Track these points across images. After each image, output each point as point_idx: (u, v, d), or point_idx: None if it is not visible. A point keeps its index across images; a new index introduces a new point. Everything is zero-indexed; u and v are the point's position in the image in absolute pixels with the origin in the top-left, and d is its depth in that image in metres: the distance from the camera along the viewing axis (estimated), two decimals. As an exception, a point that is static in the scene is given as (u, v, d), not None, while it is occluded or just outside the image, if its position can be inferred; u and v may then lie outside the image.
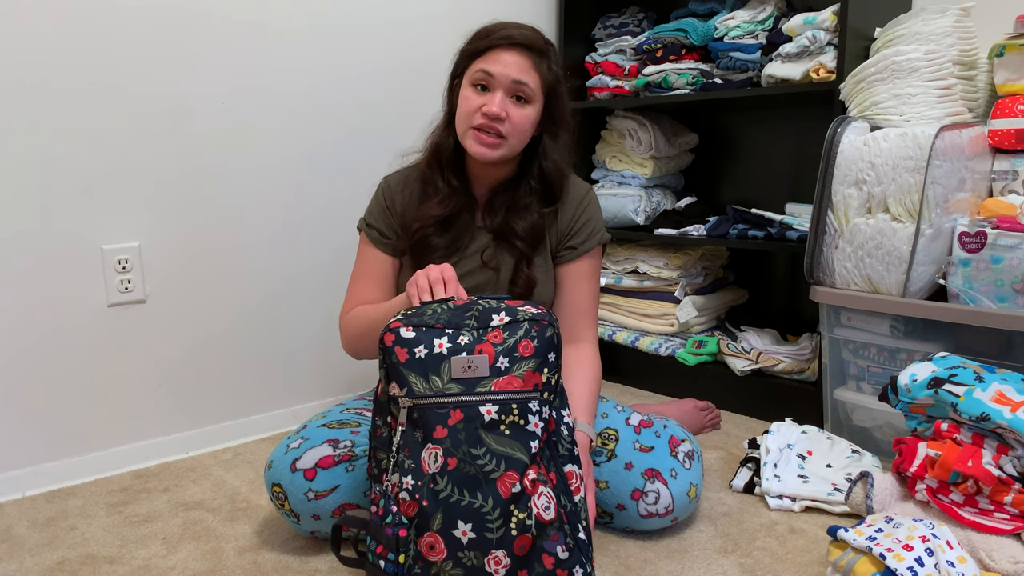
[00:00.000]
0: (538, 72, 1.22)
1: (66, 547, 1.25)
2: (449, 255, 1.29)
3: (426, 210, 1.28)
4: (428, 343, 1.00)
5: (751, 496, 1.42)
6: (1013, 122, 1.49)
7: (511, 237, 1.28)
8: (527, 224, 1.28)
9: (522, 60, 1.21)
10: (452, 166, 1.29)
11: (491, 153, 1.22)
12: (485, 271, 1.29)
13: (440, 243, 1.28)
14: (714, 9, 2.02)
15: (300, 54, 1.75)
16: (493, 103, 1.19)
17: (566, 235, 1.32)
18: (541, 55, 1.23)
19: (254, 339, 1.76)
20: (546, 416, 1.00)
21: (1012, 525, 1.08)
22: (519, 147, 1.25)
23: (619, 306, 2.18)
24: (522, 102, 1.22)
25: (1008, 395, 1.11)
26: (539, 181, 1.30)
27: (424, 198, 1.30)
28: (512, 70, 1.20)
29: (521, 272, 1.29)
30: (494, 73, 1.19)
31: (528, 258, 1.29)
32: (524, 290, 1.29)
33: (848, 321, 1.56)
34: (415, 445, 0.98)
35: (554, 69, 1.25)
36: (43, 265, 1.46)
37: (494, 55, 1.21)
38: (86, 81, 1.46)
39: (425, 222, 1.27)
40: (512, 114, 1.21)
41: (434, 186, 1.29)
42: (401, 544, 0.96)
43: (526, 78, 1.20)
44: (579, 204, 1.33)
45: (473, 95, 1.21)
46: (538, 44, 1.23)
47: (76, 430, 1.53)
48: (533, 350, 1.00)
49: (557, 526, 0.96)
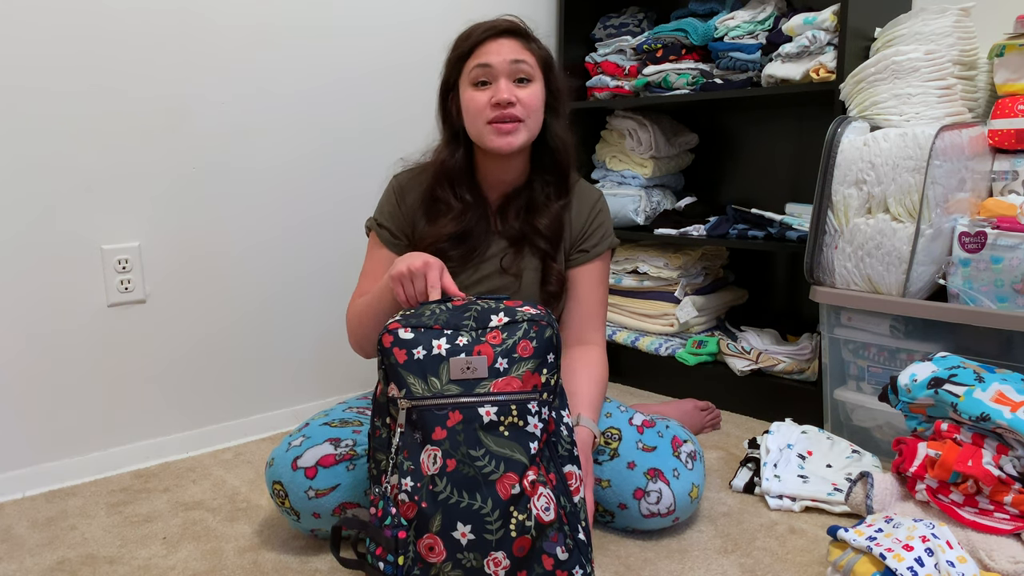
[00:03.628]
0: (530, 51, 1.23)
1: (66, 547, 1.25)
2: (465, 264, 1.28)
3: (439, 228, 1.26)
4: (427, 344, 1.00)
5: (751, 496, 1.42)
6: (1013, 122, 1.49)
7: (534, 238, 1.28)
8: (548, 221, 1.28)
9: (512, 43, 1.21)
10: (462, 181, 1.28)
11: (514, 140, 1.20)
12: (505, 277, 1.28)
13: (456, 254, 1.27)
14: (714, 9, 2.02)
15: (300, 55, 1.75)
16: (500, 91, 1.18)
17: (579, 238, 1.32)
18: (527, 36, 1.24)
19: (254, 339, 1.76)
20: (545, 417, 1.00)
21: (1012, 525, 1.08)
22: (536, 128, 1.25)
23: (619, 306, 2.18)
24: (525, 83, 1.21)
25: (1008, 395, 1.11)
26: (551, 171, 1.30)
27: (435, 215, 1.28)
28: (507, 53, 1.20)
29: (552, 270, 1.28)
30: (491, 63, 1.19)
31: (554, 255, 1.29)
32: (558, 287, 1.28)
33: (848, 321, 1.56)
34: (414, 446, 0.97)
35: (543, 47, 1.26)
36: (43, 265, 1.46)
37: (484, 48, 1.21)
38: (87, 82, 1.46)
39: (439, 239, 1.26)
40: (521, 95, 1.20)
41: (446, 204, 1.27)
42: (400, 546, 0.96)
43: (523, 56, 1.21)
44: (592, 208, 1.34)
45: (477, 93, 1.21)
46: (521, 27, 1.24)
47: (76, 430, 1.53)
48: (532, 351, 1.00)
49: (557, 527, 0.96)
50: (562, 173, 1.30)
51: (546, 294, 1.28)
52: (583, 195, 1.34)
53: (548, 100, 1.27)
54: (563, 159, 1.29)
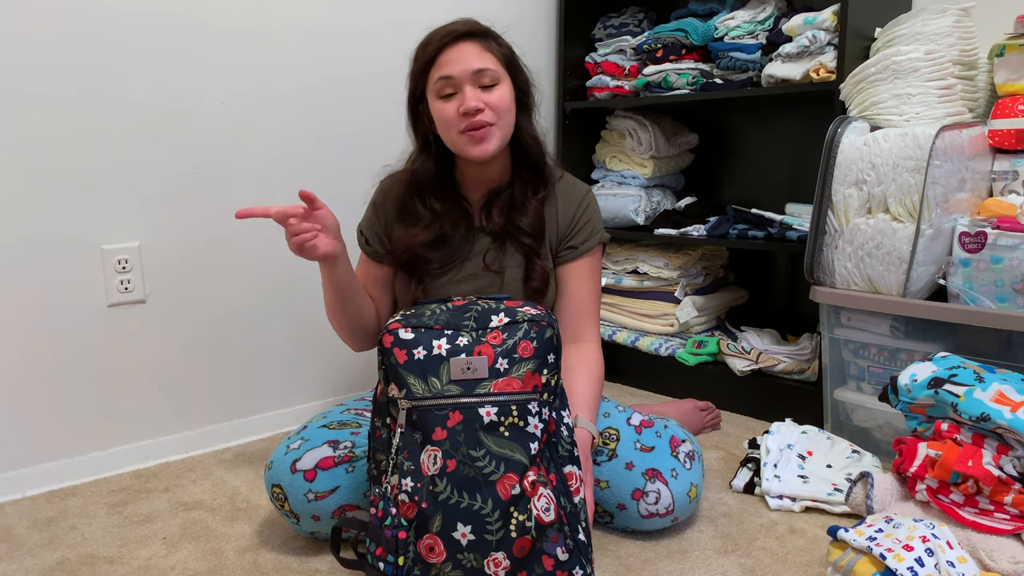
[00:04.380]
0: (491, 51, 1.21)
1: (66, 547, 1.25)
2: (446, 265, 1.28)
3: (412, 236, 1.26)
4: (427, 344, 1.00)
5: (751, 496, 1.42)
6: (1013, 122, 1.49)
7: (518, 235, 1.28)
8: (530, 219, 1.28)
9: (472, 47, 1.19)
10: (434, 190, 1.28)
11: (488, 146, 1.20)
12: (488, 274, 1.29)
13: (435, 257, 1.27)
14: (714, 9, 2.02)
15: (299, 55, 1.75)
16: (467, 100, 1.17)
17: (567, 235, 1.32)
18: (486, 35, 1.22)
19: (254, 339, 1.76)
20: (546, 417, 1.00)
21: (1012, 525, 1.08)
22: (509, 128, 1.24)
23: (619, 306, 2.18)
24: (491, 87, 1.20)
25: (1008, 395, 1.11)
26: (528, 167, 1.30)
27: (409, 223, 1.28)
28: (468, 62, 1.18)
29: (535, 266, 1.28)
30: (453, 74, 1.18)
31: (537, 251, 1.29)
32: (541, 282, 1.28)
33: (848, 321, 1.56)
34: (414, 447, 0.97)
35: (503, 43, 1.25)
36: (43, 265, 1.46)
37: (444, 57, 1.19)
38: (87, 83, 1.46)
39: (413, 247, 1.26)
40: (489, 100, 1.19)
41: (415, 214, 1.27)
42: (400, 546, 0.96)
43: (484, 63, 1.19)
44: (579, 204, 1.33)
45: (444, 104, 1.20)
46: (479, 28, 1.22)
47: (76, 430, 1.53)
48: (532, 351, 1.00)
49: (557, 527, 0.96)
50: (537, 168, 1.30)
51: (529, 290, 1.28)
52: (570, 191, 1.34)
53: (517, 96, 1.25)
54: (536, 154, 1.29)
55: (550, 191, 1.32)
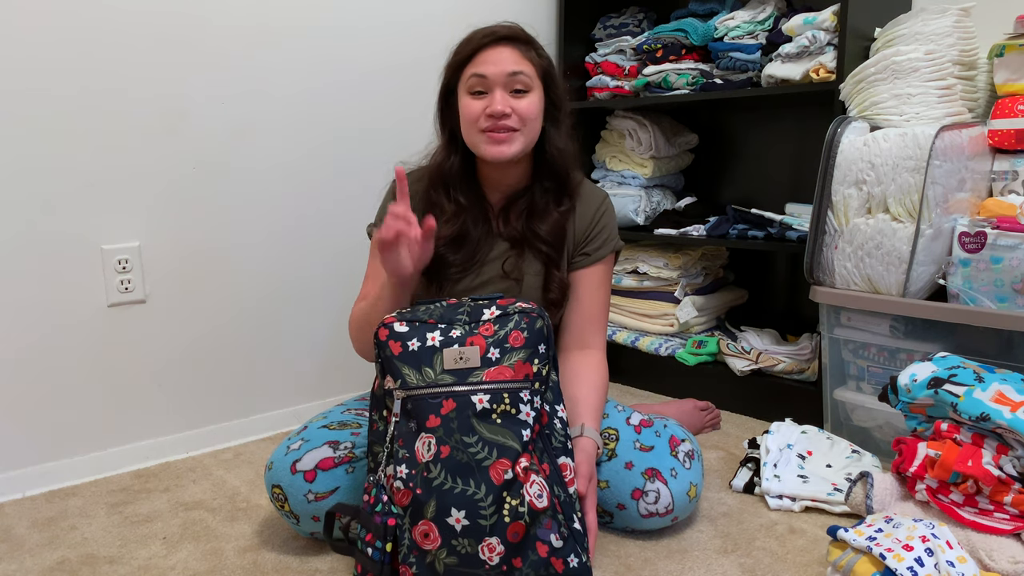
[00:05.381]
0: (529, 59, 1.21)
1: (66, 547, 1.25)
2: (466, 268, 1.27)
3: (436, 231, 1.26)
4: (421, 336, 1.02)
5: (751, 496, 1.42)
6: (1013, 122, 1.49)
7: (536, 242, 1.26)
8: (549, 227, 1.26)
9: (511, 52, 1.19)
10: (458, 184, 1.27)
11: (507, 149, 1.19)
12: (506, 280, 1.28)
13: (456, 259, 1.26)
14: (714, 9, 2.02)
15: (300, 55, 1.75)
16: (495, 102, 1.17)
17: (583, 241, 1.32)
18: (527, 43, 1.22)
19: (254, 339, 1.76)
20: (538, 407, 1.01)
21: (1012, 525, 1.08)
22: (533, 137, 1.24)
23: (619, 306, 2.18)
24: (522, 93, 1.20)
25: (1008, 395, 1.11)
26: (550, 177, 1.29)
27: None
28: (504, 64, 1.18)
29: (553, 277, 1.27)
30: (487, 74, 1.18)
31: (556, 262, 1.28)
32: (559, 294, 1.27)
33: (848, 321, 1.56)
34: (409, 435, 0.99)
35: (543, 54, 1.24)
36: (43, 265, 1.46)
37: (482, 56, 1.19)
38: (87, 83, 1.46)
39: (436, 243, 1.23)
40: (516, 106, 1.19)
41: (440, 207, 1.26)
42: (389, 532, 0.97)
43: (520, 67, 1.19)
44: (596, 211, 1.32)
45: (473, 101, 1.20)
46: (522, 34, 1.22)
47: (76, 430, 1.53)
48: (523, 341, 1.02)
49: (550, 514, 0.97)
50: (560, 180, 1.29)
51: (547, 301, 1.27)
52: (588, 197, 1.33)
53: (547, 108, 1.25)
54: (561, 168, 1.28)
55: (573, 204, 1.31)
